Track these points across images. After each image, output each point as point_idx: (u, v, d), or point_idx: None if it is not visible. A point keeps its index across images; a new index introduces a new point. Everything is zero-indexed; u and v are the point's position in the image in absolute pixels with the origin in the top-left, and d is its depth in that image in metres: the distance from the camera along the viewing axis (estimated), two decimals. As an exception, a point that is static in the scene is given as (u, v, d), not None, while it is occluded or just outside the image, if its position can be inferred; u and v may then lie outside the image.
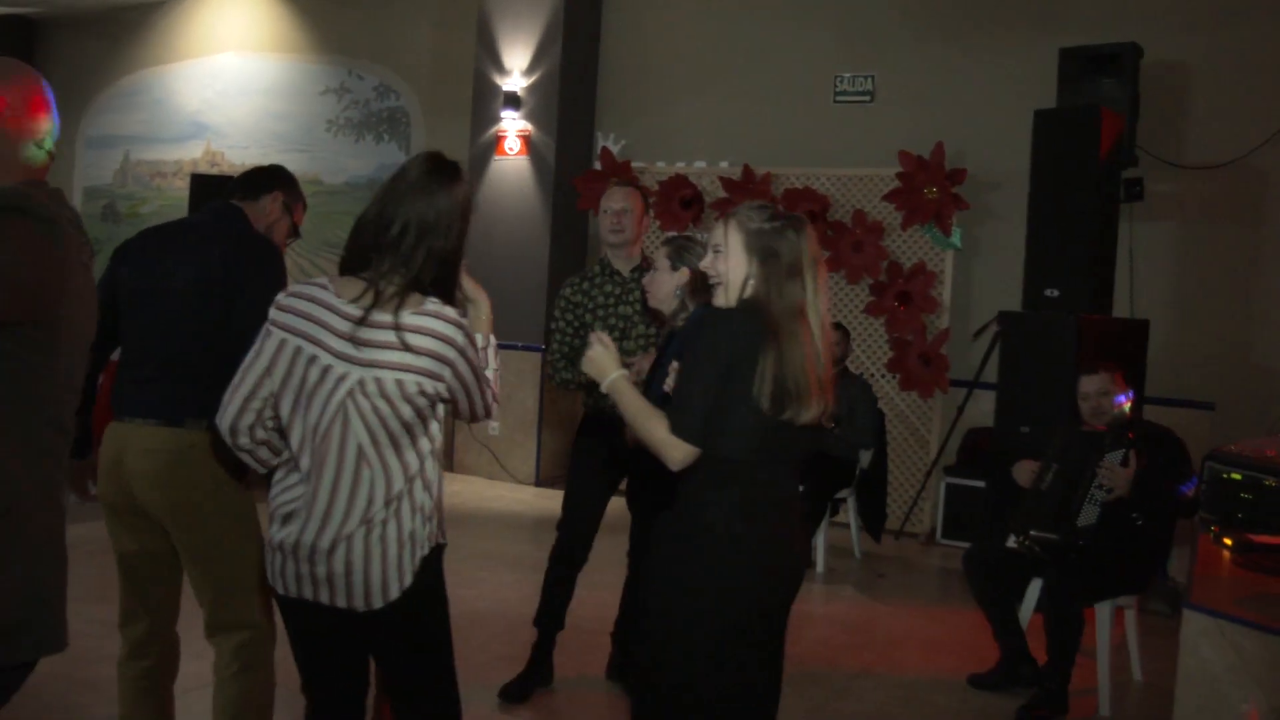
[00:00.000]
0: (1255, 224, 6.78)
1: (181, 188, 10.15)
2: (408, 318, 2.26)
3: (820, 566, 6.09)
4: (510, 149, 8.45)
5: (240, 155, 10.23)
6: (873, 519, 6.42)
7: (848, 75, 7.68)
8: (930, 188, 6.96)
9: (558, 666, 4.24)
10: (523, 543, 6.46)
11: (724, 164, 7.89)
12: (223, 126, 10.48)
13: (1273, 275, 6.72)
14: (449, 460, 8.45)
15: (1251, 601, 4.10)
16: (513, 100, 8.38)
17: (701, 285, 2.83)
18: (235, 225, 3.09)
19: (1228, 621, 3.94)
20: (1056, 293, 5.99)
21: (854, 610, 5.54)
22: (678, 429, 2.51)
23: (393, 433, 2.27)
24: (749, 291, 2.58)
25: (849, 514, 6.51)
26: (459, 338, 2.29)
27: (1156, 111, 6.65)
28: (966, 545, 6.10)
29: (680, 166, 7.99)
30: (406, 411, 2.26)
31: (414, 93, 9.52)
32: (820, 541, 6.06)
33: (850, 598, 5.76)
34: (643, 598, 2.79)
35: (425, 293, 2.31)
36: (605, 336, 2.77)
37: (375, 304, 2.27)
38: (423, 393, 2.27)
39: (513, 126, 8.43)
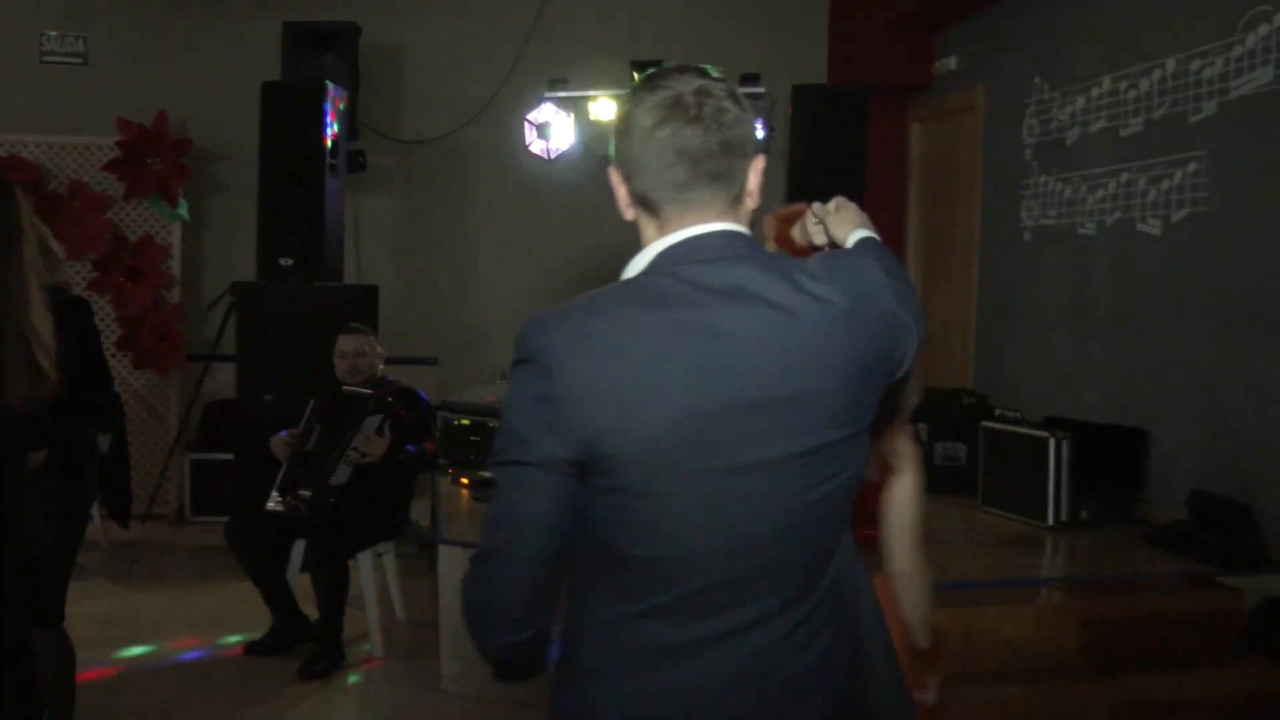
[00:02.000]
0: (468, 193, 7.51)
1: None
2: None
3: (65, 563, 5.67)
4: None
5: None
6: (118, 506, 6.09)
7: (55, 34, 7.07)
8: (154, 158, 6.71)
9: None
10: None
11: (-98, 127, 6.87)
12: None
13: (483, 239, 7.50)
14: None
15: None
16: None
17: None
18: None
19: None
20: (290, 262, 6.15)
21: (112, 603, 5.25)
22: None
23: None
24: None
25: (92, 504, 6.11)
26: None
27: (376, 88, 7.07)
28: (217, 520, 6.07)
29: None
30: None
31: None
32: (63, 536, 5.63)
33: (106, 590, 5.45)
34: None
35: None
36: None
37: None
38: None
39: None
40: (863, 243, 1.63)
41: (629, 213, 1.54)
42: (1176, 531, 4.54)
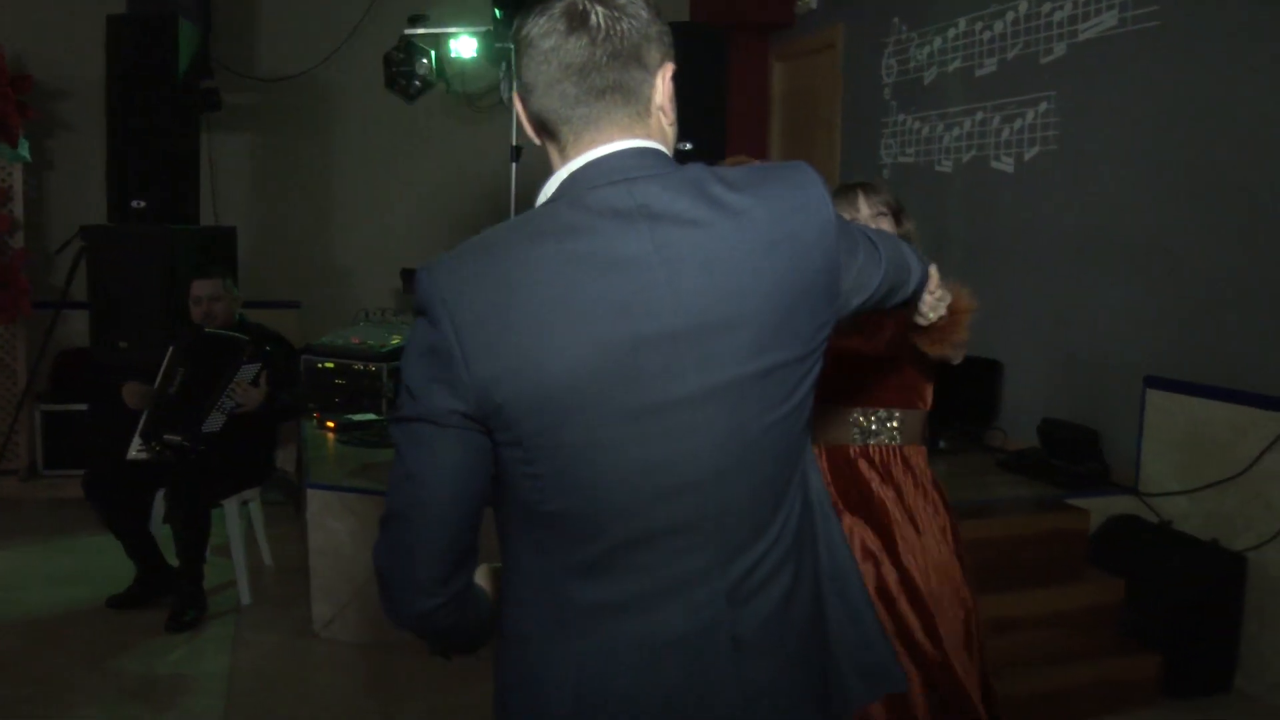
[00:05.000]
0: (326, 132, 7.32)
1: None
2: None
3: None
4: None
5: None
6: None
7: (-127, -38, 6.62)
8: (-9, 95, 6.37)
9: None
10: None
11: None
12: None
13: (343, 179, 7.34)
14: None
15: (359, 472, 4.60)
16: None
17: None
18: None
19: (345, 493, 4.38)
20: (143, 204, 5.92)
21: (-41, 560, 5.07)
22: None
23: None
24: None
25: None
26: None
27: (229, 24, 6.82)
28: (72, 474, 5.91)
29: None
30: None
31: None
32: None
33: (-46, 548, 5.25)
34: None
35: None
36: None
37: None
38: None
39: None
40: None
41: (537, 139, 1.42)
42: (1029, 458, 4.74)
